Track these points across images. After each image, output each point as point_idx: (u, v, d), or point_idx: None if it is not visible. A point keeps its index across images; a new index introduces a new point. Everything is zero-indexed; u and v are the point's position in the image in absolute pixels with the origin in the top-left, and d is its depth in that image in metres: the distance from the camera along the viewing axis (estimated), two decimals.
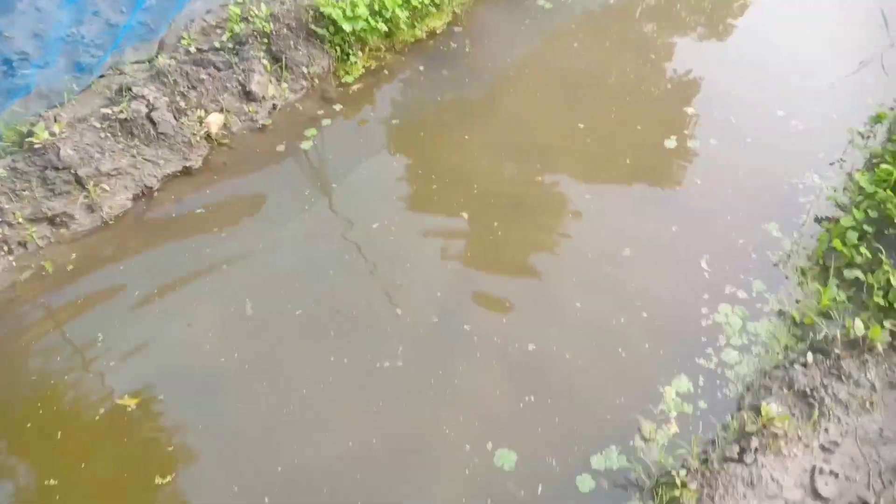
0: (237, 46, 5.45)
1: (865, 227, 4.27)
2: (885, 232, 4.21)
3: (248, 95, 5.28)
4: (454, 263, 4.33)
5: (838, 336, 3.74)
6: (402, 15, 5.87)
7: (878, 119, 5.40)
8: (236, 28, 5.47)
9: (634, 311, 4.08)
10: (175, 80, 5.04)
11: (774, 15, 6.83)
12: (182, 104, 4.97)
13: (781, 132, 5.35)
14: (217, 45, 5.44)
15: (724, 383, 3.73)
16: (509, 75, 5.86)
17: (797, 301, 4.15)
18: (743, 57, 6.22)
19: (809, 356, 3.70)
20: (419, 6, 6.07)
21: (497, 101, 5.63)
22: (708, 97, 5.71)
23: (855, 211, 4.39)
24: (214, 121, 5.03)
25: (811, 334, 3.86)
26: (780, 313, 4.09)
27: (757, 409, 3.44)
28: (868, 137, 5.30)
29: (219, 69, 5.31)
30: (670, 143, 5.22)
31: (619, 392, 3.68)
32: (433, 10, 6.25)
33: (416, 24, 6.17)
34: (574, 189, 4.89)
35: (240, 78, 5.26)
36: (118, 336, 3.92)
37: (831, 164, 5.10)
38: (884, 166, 4.53)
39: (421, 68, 5.87)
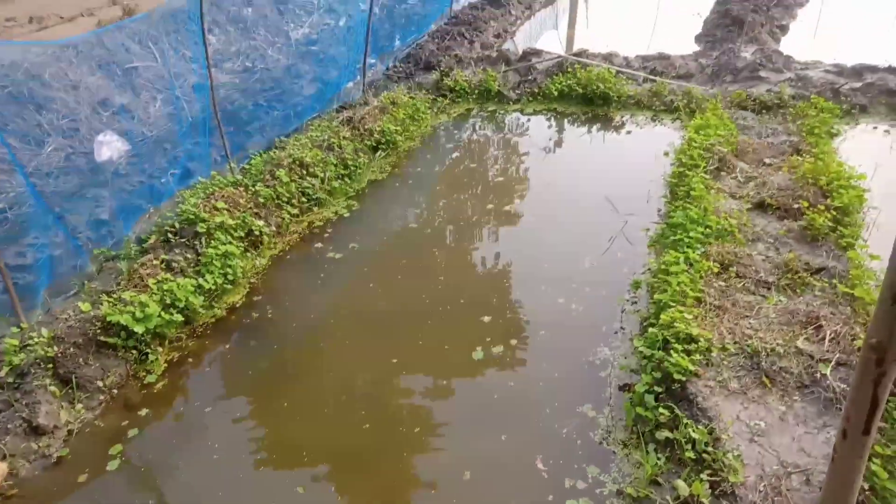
0: (18, 380, 5.09)
1: (656, 387, 4.79)
2: (672, 387, 4.74)
3: (36, 430, 4.83)
4: None
5: (671, 502, 3.98)
6: (197, 301, 5.96)
7: (636, 285, 6.31)
8: (15, 360, 5.15)
9: None
10: None
11: (535, 214, 7.97)
12: None
13: (566, 317, 6.01)
14: None
15: None
16: (316, 331, 6.06)
17: (629, 475, 4.39)
18: (519, 255, 7.09)
19: None
20: (213, 288, 6.23)
21: (309, 359, 5.74)
22: (499, 302, 6.33)
23: (644, 375, 4.93)
24: None
25: None
26: (619, 493, 4.28)
27: None
28: (635, 303, 6.14)
29: None
30: (478, 354, 5.60)
31: None
32: (229, 287, 6.44)
33: (213, 304, 6.27)
34: (402, 427, 4.95)
35: (24, 414, 4.84)
36: None
37: (615, 333, 5.77)
38: (651, 330, 5.22)
39: (227, 346, 5.87)
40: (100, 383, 5.25)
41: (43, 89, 8.87)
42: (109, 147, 8.21)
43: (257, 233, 7.03)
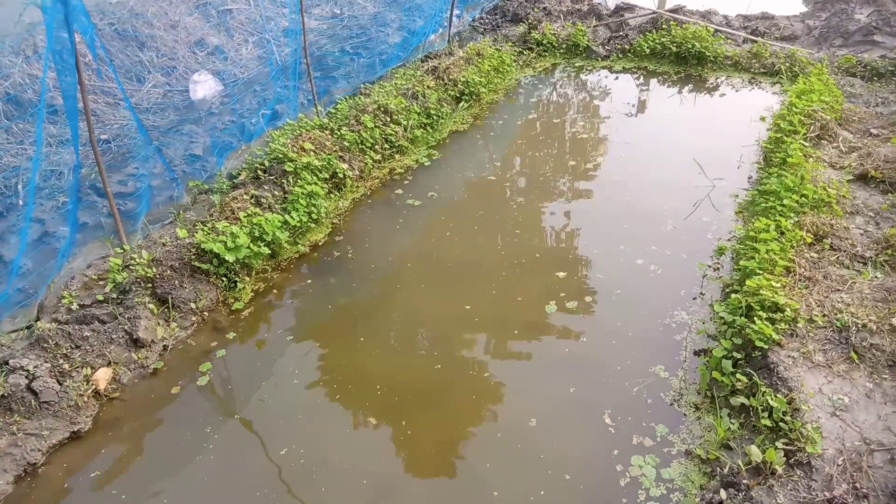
0: (121, 296, 5.49)
1: (735, 353, 4.68)
2: (753, 355, 4.62)
3: (136, 343, 5.23)
4: (369, 477, 4.25)
5: (742, 466, 3.93)
6: (283, 236, 6.21)
7: (720, 252, 6.12)
8: (118, 278, 5.55)
9: (553, 482, 4.12)
10: (57, 344, 4.94)
11: (618, 172, 7.81)
12: (66, 366, 4.83)
13: (644, 279, 5.92)
14: (100, 297, 5.46)
15: None
16: (393, 273, 6.22)
17: (699, 437, 4.36)
18: (598, 215, 6.99)
19: (722, 493, 3.84)
20: (298, 225, 6.46)
21: (385, 299, 5.91)
22: (575, 259, 6.29)
23: (723, 341, 4.82)
24: (102, 376, 4.90)
25: (718, 469, 4.03)
26: (688, 453, 4.26)
27: None
28: (717, 269, 5.96)
29: (103, 322, 5.28)
30: (551, 308, 5.62)
31: None
32: (312, 225, 6.66)
33: (298, 240, 6.52)
34: (472, 370, 5.06)
35: (126, 327, 5.24)
36: None
37: (693, 298, 5.64)
38: (735, 296, 5.08)
39: (308, 281, 6.12)
40: (192, 305, 5.60)
41: (145, 27, 9.26)
42: (204, 86, 8.53)
43: (341, 175, 7.21)
